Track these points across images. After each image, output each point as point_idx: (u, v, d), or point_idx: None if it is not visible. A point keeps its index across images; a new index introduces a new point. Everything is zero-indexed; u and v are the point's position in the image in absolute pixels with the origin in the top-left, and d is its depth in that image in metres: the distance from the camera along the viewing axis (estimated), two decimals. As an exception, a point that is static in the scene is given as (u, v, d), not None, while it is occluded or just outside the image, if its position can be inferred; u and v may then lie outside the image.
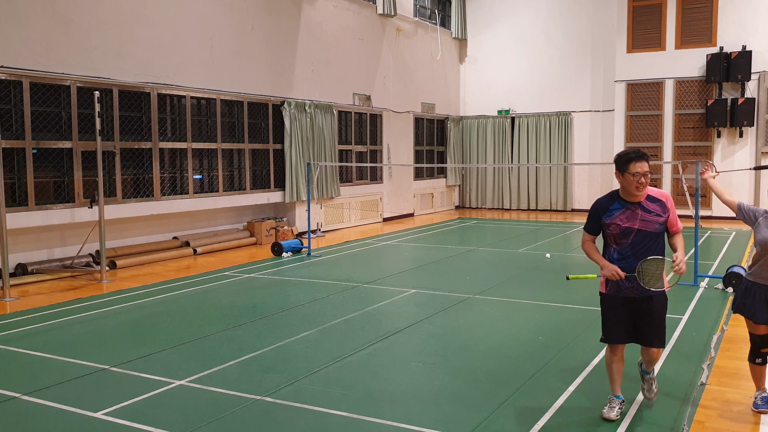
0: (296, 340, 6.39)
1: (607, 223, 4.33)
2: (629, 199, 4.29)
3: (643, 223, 4.26)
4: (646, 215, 4.27)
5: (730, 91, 16.69)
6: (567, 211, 19.55)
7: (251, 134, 13.37)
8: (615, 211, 4.31)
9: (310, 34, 14.57)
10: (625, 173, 4.22)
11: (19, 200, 9.41)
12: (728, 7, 16.67)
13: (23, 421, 4.55)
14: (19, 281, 9.19)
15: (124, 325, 7.19)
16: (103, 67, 10.34)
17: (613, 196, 4.38)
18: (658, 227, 4.28)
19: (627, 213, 4.28)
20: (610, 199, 4.38)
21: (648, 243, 4.27)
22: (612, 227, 4.31)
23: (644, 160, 4.20)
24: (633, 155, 4.22)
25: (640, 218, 4.26)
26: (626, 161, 4.22)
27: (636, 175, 4.18)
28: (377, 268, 10.67)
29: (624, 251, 4.31)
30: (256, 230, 13.30)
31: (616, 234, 4.31)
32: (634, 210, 4.27)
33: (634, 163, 4.18)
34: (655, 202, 4.30)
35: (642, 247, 4.27)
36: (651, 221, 4.26)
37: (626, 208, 4.29)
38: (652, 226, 4.26)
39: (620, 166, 4.25)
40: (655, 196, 4.32)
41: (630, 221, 4.27)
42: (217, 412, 4.59)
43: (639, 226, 4.26)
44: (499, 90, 20.58)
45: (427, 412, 4.60)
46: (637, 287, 4.28)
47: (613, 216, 4.30)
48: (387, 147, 17.62)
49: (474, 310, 7.62)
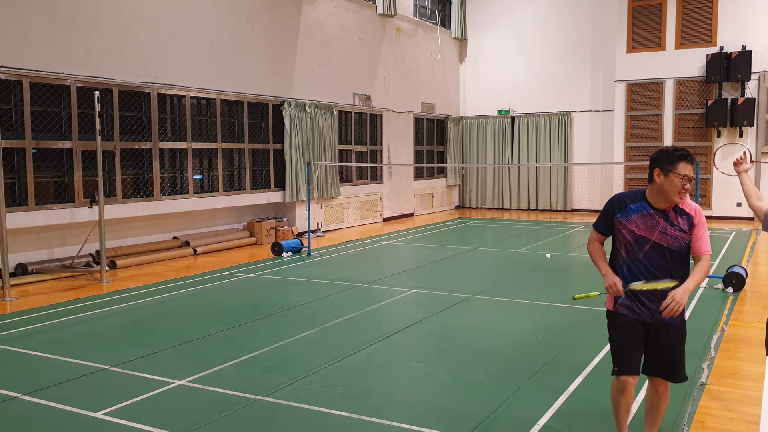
0: (296, 340, 6.39)
1: (621, 225, 3.66)
2: (657, 204, 3.59)
3: (662, 236, 3.57)
4: (668, 227, 3.57)
5: (730, 91, 16.69)
6: (567, 211, 19.55)
7: (251, 134, 13.37)
8: (634, 212, 3.63)
9: (310, 34, 14.57)
10: (671, 173, 3.49)
11: (19, 200, 9.41)
12: (728, 7, 16.67)
13: (23, 421, 4.55)
14: (19, 281, 9.19)
15: (124, 325, 7.19)
16: (103, 67, 10.34)
17: (636, 194, 3.69)
18: (680, 245, 3.57)
19: (647, 219, 3.60)
20: (632, 196, 3.70)
21: (665, 262, 3.58)
22: (625, 231, 3.64)
23: (692, 162, 3.54)
24: (685, 153, 3.50)
25: (660, 229, 3.57)
26: (677, 159, 3.49)
27: (684, 178, 3.48)
28: (377, 268, 10.67)
29: (636, 267, 3.63)
30: (256, 230, 13.30)
31: (629, 242, 3.65)
32: (657, 218, 3.59)
33: (685, 164, 3.48)
34: (682, 214, 3.59)
35: (657, 266, 3.58)
36: (672, 235, 3.56)
37: (648, 212, 3.60)
38: (673, 241, 3.56)
39: (666, 163, 3.51)
40: (683, 208, 3.61)
41: (648, 229, 3.59)
42: (217, 412, 4.59)
43: (656, 238, 3.57)
44: (499, 90, 20.59)
45: (427, 412, 4.60)
46: (649, 308, 3.63)
47: (629, 217, 3.63)
48: (387, 147, 17.62)
49: (474, 310, 7.62)
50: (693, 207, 3.63)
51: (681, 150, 3.53)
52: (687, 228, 3.58)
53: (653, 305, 3.62)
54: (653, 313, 3.63)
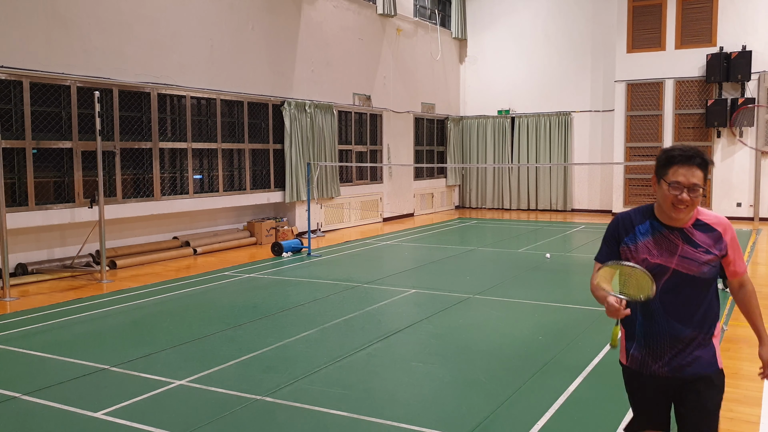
0: (296, 340, 6.39)
1: (630, 253, 2.84)
2: (667, 221, 2.80)
3: (684, 262, 2.76)
4: (690, 249, 2.77)
5: (730, 91, 16.69)
6: (567, 211, 19.54)
7: (251, 134, 13.37)
8: (643, 234, 2.83)
9: (310, 34, 14.58)
10: (662, 180, 2.75)
11: (19, 200, 9.41)
12: (728, 7, 16.67)
13: (23, 421, 4.55)
14: (19, 281, 9.19)
15: (124, 325, 7.19)
16: (103, 67, 10.34)
17: (644, 211, 2.89)
18: (706, 270, 2.76)
19: (661, 241, 2.79)
20: (638, 215, 2.90)
21: (689, 295, 2.78)
22: (634, 260, 2.81)
23: (694, 164, 2.70)
24: (677, 154, 2.73)
25: (680, 253, 2.76)
26: (666, 162, 2.75)
27: (675, 186, 2.70)
28: (377, 268, 10.67)
29: (650, 309, 2.81)
30: (256, 230, 13.30)
31: None
32: (673, 239, 2.79)
33: (676, 168, 2.71)
34: (706, 231, 2.79)
35: (679, 300, 2.78)
36: (695, 260, 2.75)
37: (660, 233, 2.80)
38: (697, 267, 2.75)
39: (659, 167, 2.80)
40: (707, 222, 2.81)
41: (664, 255, 2.78)
42: (217, 412, 4.59)
43: (676, 265, 2.76)
44: (499, 90, 20.59)
45: (427, 412, 4.60)
46: (669, 361, 2.82)
47: (638, 242, 2.83)
48: (387, 147, 17.62)
49: (474, 310, 7.62)
50: (721, 221, 2.83)
51: (678, 149, 2.75)
52: (714, 248, 2.78)
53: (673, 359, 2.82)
54: (674, 368, 2.82)
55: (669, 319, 2.79)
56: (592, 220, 16.99)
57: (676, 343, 2.80)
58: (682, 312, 2.78)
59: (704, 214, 2.84)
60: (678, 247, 2.77)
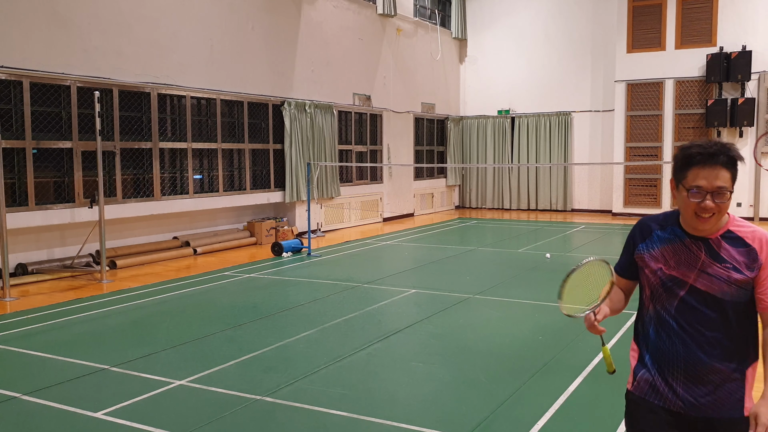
0: (296, 340, 6.39)
1: (643, 260, 2.47)
2: (692, 230, 2.37)
3: (705, 278, 2.33)
4: (713, 264, 2.32)
5: (730, 91, 16.68)
6: (567, 211, 19.53)
7: (251, 134, 13.37)
8: (661, 241, 2.43)
9: (310, 34, 14.58)
10: (680, 185, 2.33)
11: (19, 200, 9.41)
12: (728, 7, 16.66)
13: (23, 421, 4.55)
14: (19, 281, 9.19)
15: (124, 325, 7.19)
16: (103, 67, 10.34)
17: (669, 217, 2.49)
18: (734, 292, 2.30)
19: (680, 250, 2.38)
20: (662, 220, 2.50)
21: (712, 318, 2.32)
22: (648, 270, 2.44)
23: (718, 163, 2.25)
24: (696, 152, 2.28)
25: (701, 267, 2.33)
26: (683, 163, 2.31)
27: (696, 192, 2.26)
28: (377, 268, 10.67)
29: (664, 328, 2.41)
30: (256, 230, 13.30)
31: (655, 285, 2.43)
32: (694, 250, 2.36)
33: (696, 170, 2.26)
34: (738, 245, 2.32)
35: (699, 322, 2.34)
36: (721, 277, 2.30)
37: (681, 241, 2.38)
38: (723, 286, 2.30)
39: (675, 171, 2.36)
40: (740, 235, 2.34)
41: (682, 267, 2.36)
42: (217, 412, 4.59)
43: (696, 281, 2.34)
44: (499, 90, 20.58)
45: (427, 412, 4.60)
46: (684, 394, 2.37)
47: (655, 249, 2.44)
48: (387, 147, 17.62)
49: (474, 310, 7.62)
50: (756, 234, 2.34)
51: (696, 146, 2.29)
52: (746, 268, 2.29)
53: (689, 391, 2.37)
54: (689, 403, 2.37)
55: (687, 343, 2.35)
56: (592, 220, 16.99)
57: (694, 374, 2.35)
58: (704, 337, 2.33)
59: (738, 223, 2.36)
60: (699, 260, 2.34)
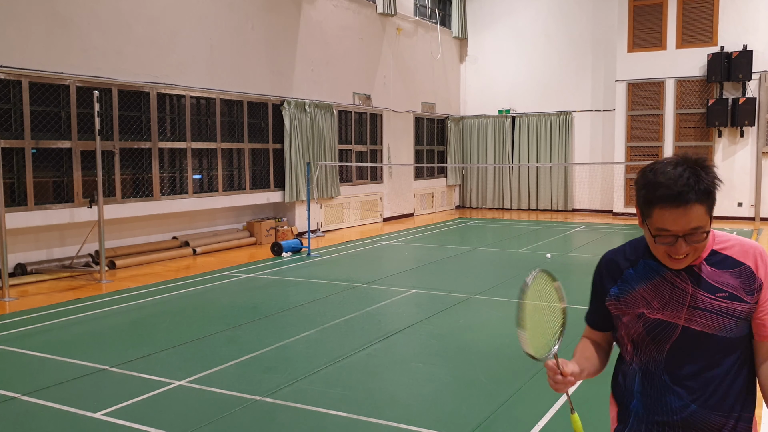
0: (296, 340, 6.38)
1: (618, 308, 2.06)
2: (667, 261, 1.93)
3: (698, 315, 1.91)
4: (705, 296, 1.90)
5: (731, 91, 16.67)
6: (567, 211, 19.53)
7: (251, 134, 13.35)
8: (637, 280, 2.00)
9: (310, 33, 14.56)
10: (645, 221, 1.90)
11: (19, 200, 9.40)
12: (729, 6, 16.65)
13: (23, 421, 4.54)
14: (18, 281, 9.18)
15: (124, 325, 7.18)
16: (103, 67, 10.32)
17: (636, 247, 2.05)
18: (736, 326, 1.89)
19: (662, 287, 1.96)
20: (629, 252, 2.06)
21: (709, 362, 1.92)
22: (628, 319, 2.03)
23: (688, 203, 1.77)
24: (661, 191, 1.80)
25: (690, 302, 1.91)
26: (653, 199, 1.83)
27: (662, 236, 1.84)
28: (377, 268, 10.66)
29: (653, 378, 2.00)
30: (256, 230, 13.28)
31: (638, 335, 2.01)
32: (679, 283, 1.94)
33: (662, 210, 1.81)
34: (728, 266, 1.91)
35: (696, 371, 1.93)
36: (713, 310, 1.89)
37: (660, 276, 1.96)
38: (723, 322, 1.89)
39: (639, 202, 1.91)
40: (727, 253, 1.93)
41: (668, 307, 1.94)
42: (217, 413, 4.58)
43: (687, 321, 1.92)
44: (500, 90, 20.57)
45: (427, 412, 4.58)
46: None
47: (632, 292, 2.01)
48: (387, 147, 17.60)
49: (474, 310, 7.61)
50: (746, 247, 1.92)
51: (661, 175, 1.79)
52: (743, 291, 1.88)
53: None
54: None
55: (683, 397, 1.93)
56: (592, 220, 16.97)
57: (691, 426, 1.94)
58: (705, 388, 1.91)
59: (722, 240, 1.93)
60: (687, 295, 1.90)
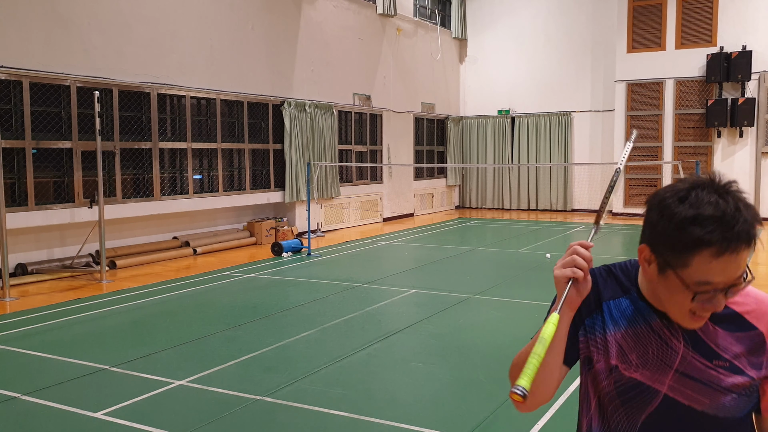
0: (296, 340, 6.38)
1: (589, 349, 1.62)
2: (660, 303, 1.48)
3: (686, 384, 1.46)
4: (699, 361, 1.45)
5: (730, 91, 16.68)
6: (567, 211, 19.53)
7: (251, 134, 13.36)
8: (615, 321, 1.55)
9: (310, 34, 14.57)
10: (671, 272, 1.37)
11: (19, 200, 9.40)
12: (729, 6, 16.66)
13: (23, 421, 4.55)
14: (18, 281, 9.18)
15: (124, 325, 7.19)
16: (103, 67, 10.33)
17: (626, 273, 1.59)
18: (731, 403, 1.43)
19: (646, 337, 1.50)
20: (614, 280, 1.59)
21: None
22: (600, 366, 1.59)
23: (742, 244, 1.33)
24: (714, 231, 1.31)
25: (679, 366, 1.46)
26: (686, 245, 1.32)
27: (705, 289, 1.34)
28: (377, 268, 10.67)
29: None
30: (256, 230, 13.29)
31: (607, 394, 1.60)
32: (668, 338, 1.48)
33: (710, 257, 1.32)
34: (735, 326, 1.47)
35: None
36: (709, 382, 1.44)
37: (647, 323, 1.50)
38: (715, 397, 1.44)
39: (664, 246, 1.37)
40: (738, 310, 1.47)
41: (649, 365, 1.49)
42: (217, 412, 4.59)
43: (671, 389, 1.47)
44: (499, 90, 20.57)
45: (427, 412, 4.59)
46: None
47: (605, 332, 1.56)
48: (387, 147, 17.61)
49: (474, 310, 7.62)
50: (762, 304, 1.48)
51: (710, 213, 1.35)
52: (749, 362, 1.45)
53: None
54: None
55: None
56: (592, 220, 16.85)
57: None
58: None
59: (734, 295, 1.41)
60: (677, 356, 1.46)
